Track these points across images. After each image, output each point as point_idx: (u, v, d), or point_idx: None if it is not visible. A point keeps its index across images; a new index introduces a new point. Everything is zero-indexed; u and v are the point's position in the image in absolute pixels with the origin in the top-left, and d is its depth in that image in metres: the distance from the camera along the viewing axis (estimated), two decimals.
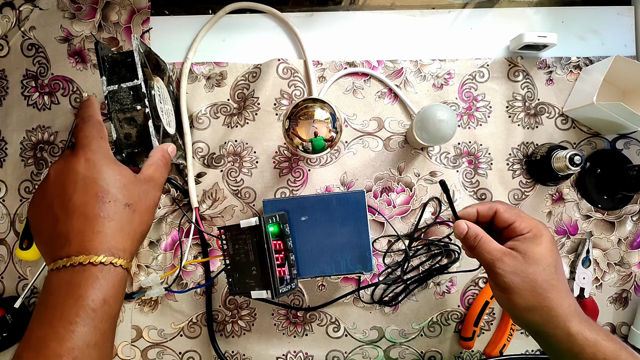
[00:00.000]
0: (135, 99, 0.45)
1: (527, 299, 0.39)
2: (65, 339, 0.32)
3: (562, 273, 0.41)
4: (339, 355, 0.57)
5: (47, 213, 0.37)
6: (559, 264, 0.41)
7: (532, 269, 0.39)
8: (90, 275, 0.34)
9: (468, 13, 0.59)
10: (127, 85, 0.44)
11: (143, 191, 0.39)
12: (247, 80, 0.57)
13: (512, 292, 0.40)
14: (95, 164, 0.37)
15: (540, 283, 0.39)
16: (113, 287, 0.35)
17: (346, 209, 0.48)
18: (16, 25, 0.57)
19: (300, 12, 0.58)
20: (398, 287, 0.57)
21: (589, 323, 0.39)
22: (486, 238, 0.42)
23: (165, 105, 0.50)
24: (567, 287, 0.40)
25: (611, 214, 0.57)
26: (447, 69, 0.57)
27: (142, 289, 0.55)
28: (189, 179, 0.55)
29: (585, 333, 0.38)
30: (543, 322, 0.40)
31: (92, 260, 0.34)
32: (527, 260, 0.40)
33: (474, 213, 0.44)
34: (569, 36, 0.58)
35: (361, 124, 0.57)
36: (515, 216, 0.42)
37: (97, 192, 0.36)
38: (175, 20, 0.58)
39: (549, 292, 0.39)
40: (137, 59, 0.45)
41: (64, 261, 0.34)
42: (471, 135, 0.57)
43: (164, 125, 0.48)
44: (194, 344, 0.57)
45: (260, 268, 0.43)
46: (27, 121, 0.57)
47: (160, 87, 0.49)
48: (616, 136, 0.58)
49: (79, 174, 0.36)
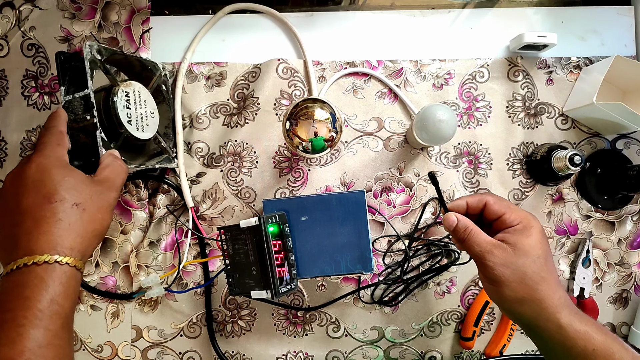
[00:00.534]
0: (85, 108, 0.44)
1: (517, 291, 0.39)
2: (16, 342, 0.32)
3: (552, 265, 0.40)
4: (339, 355, 0.57)
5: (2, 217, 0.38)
6: (549, 256, 0.41)
7: (521, 261, 0.39)
8: (35, 275, 0.34)
9: (468, 13, 0.59)
10: (79, 95, 0.44)
11: (95, 191, 0.40)
12: (247, 80, 0.57)
13: (501, 284, 0.39)
14: (45, 167, 0.38)
15: (530, 275, 0.39)
16: (61, 285, 0.35)
17: (346, 209, 0.48)
18: (16, 25, 0.57)
19: (300, 12, 0.58)
20: (398, 287, 0.57)
21: (579, 315, 0.38)
22: (476, 230, 0.41)
23: (141, 109, 0.49)
24: (557, 279, 0.40)
25: (611, 214, 0.57)
26: (447, 69, 0.57)
27: (142, 289, 0.55)
28: (182, 179, 0.55)
29: (575, 325, 0.37)
30: (534, 315, 0.39)
31: (35, 261, 0.34)
32: (516, 252, 0.39)
33: (464, 205, 0.44)
34: (569, 36, 0.58)
35: (361, 124, 0.57)
36: (505, 208, 0.42)
37: (44, 193, 0.37)
38: (175, 20, 0.58)
39: (539, 284, 0.39)
40: (87, 67, 0.44)
41: (11, 265, 0.35)
42: (471, 135, 0.57)
43: (131, 131, 0.47)
44: (194, 344, 0.57)
45: (260, 268, 0.43)
46: (27, 121, 0.57)
47: (135, 91, 0.49)
48: (616, 136, 0.58)
49: (29, 178, 0.38)
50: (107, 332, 0.56)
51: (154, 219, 0.56)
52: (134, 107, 0.48)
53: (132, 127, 0.48)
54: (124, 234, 0.56)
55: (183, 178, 0.55)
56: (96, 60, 0.45)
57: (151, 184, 0.56)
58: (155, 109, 0.52)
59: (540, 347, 0.41)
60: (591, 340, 0.37)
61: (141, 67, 0.53)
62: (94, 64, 0.45)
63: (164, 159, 0.54)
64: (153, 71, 0.54)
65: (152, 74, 0.54)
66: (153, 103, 0.52)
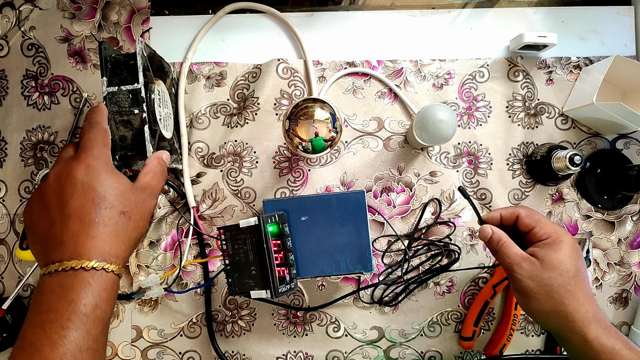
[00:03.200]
0: (133, 102, 0.44)
1: (543, 304, 0.40)
2: (58, 344, 0.32)
3: (583, 279, 0.41)
4: (339, 355, 0.57)
5: (44, 215, 0.37)
6: (581, 270, 0.41)
7: (548, 274, 0.40)
8: (82, 280, 0.34)
9: (468, 13, 0.59)
10: (127, 88, 0.44)
11: (139, 199, 0.40)
12: (247, 80, 0.57)
13: (528, 296, 0.41)
14: (95, 170, 0.38)
15: (556, 288, 0.40)
16: (105, 291, 0.35)
17: (346, 209, 0.48)
18: (16, 25, 0.57)
19: (300, 12, 0.58)
20: (398, 287, 0.57)
21: (607, 330, 0.39)
22: (508, 243, 0.43)
23: (164, 109, 0.50)
24: (586, 293, 0.41)
25: (611, 214, 0.57)
26: (447, 69, 0.57)
27: (142, 290, 0.55)
28: (185, 179, 0.55)
29: (602, 340, 0.38)
30: (559, 327, 0.40)
31: (84, 265, 0.35)
32: (544, 266, 0.40)
33: (498, 217, 0.46)
34: (569, 36, 0.58)
35: (361, 124, 0.57)
36: (536, 222, 0.43)
37: (94, 198, 0.37)
38: (175, 20, 0.58)
39: (564, 298, 0.40)
40: (139, 63, 0.45)
41: (56, 265, 0.35)
42: (471, 135, 0.57)
43: (161, 129, 0.48)
44: (194, 344, 0.57)
45: (259, 268, 0.43)
46: (27, 121, 0.57)
47: (162, 90, 0.49)
48: (616, 136, 0.58)
49: (78, 178, 0.37)
50: None
51: (153, 219, 0.56)
52: (162, 106, 0.49)
53: (161, 125, 0.48)
54: None
55: (187, 179, 0.55)
56: (144, 57, 0.46)
57: None
58: (172, 108, 0.53)
59: (569, 354, 0.42)
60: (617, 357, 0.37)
61: (159, 67, 0.53)
62: (144, 59, 0.46)
63: (174, 159, 0.54)
64: (167, 73, 0.54)
65: (167, 75, 0.54)
66: (170, 103, 0.53)
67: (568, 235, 0.42)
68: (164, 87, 0.51)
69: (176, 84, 0.56)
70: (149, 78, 0.47)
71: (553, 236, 0.42)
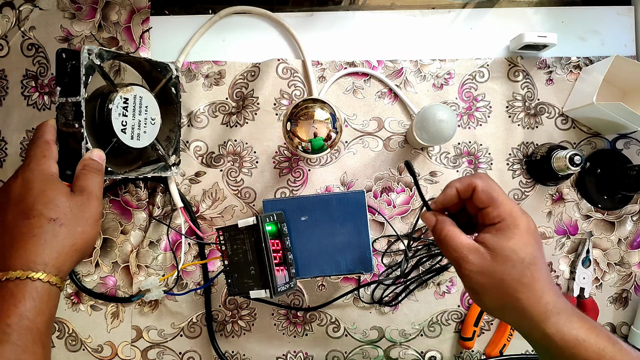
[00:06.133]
0: (76, 115, 0.43)
1: (496, 300, 0.36)
2: None
3: (540, 268, 0.36)
4: (339, 355, 0.57)
5: None
6: (537, 257, 0.36)
7: (499, 267, 0.35)
8: (6, 291, 0.35)
9: (468, 13, 0.59)
10: (71, 100, 0.42)
11: (75, 204, 0.39)
12: (246, 80, 0.57)
13: (479, 292, 0.36)
14: (28, 182, 0.38)
15: (509, 283, 0.35)
16: (32, 300, 0.35)
17: (346, 209, 0.48)
18: (16, 25, 0.57)
19: (300, 12, 0.58)
20: (398, 287, 0.57)
21: (570, 320, 0.35)
22: (452, 233, 0.37)
23: (140, 115, 0.48)
24: (545, 283, 0.35)
25: (611, 214, 0.57)
26: (447, 69, 0.57)
27: (141, 292, 0.55)
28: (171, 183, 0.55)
29: (563, 333, 0.34)
30: (517, 323, 0.36)
31: (8, 277, 0.35)
32: (495, 258, 0.35)
33: (454, 194, 0.38)
34: (569, 36, 0.58)
35: (361, 124, 0.57)
36: (490, 200, 0.36)
37: (23, 209, 0.37)
38: (175, 20, 0.58)
39: (519, 292, 0.35)
40: (81, 74, 0.42)
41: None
42: (471, 135, 0.57)
43: (124, 140, 0.46)
44: (194, 344, 0.57)
45: (258, 267, 0.43)
46: (27, 121, 0.57)
47: (137, 96, 0.47)
48: (616, 136, 0.58)
49: (12, 193, 0.38)
50: (107, 332, 0.56)
51: (153, 218, 0.56)
52: (132, 114, 0.47)
53: (125, 135, 0.46)
54: (124, 234, 0.56)
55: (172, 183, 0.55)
56: (94, 65, 0.43)
57: (150, 184, 0.56)
58: (158, 114, 0.50)
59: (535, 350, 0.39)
60: (581, 350, 0.33)
61: (151, 67, 0.52)
62: (90, 69, 0.43)
63: (160, 167, 0.52)
64: (163, 73, 0.52)
65: (162, 75, 0.52)
66: (156, 108, 0.50)
67: (524, 217, 0.36)
68: (142, 92, 0.48)
69: (179, 85, 0.55)
70: (109, 86, 0.45)
71: (507, 220, 0.36)
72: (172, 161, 0.53)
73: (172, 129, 0.54)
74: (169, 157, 0.53)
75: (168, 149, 0.54)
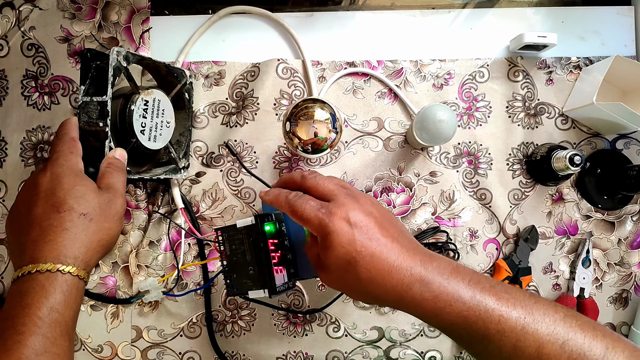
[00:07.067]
0: (100, 115, 0.43)
1: (358, 299, 0.38)
2: (12, 349, 0.33)
3: (365, 256, 0.33)
4: (339, 355, 0.57)
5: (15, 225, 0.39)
6: (363, 245, 0.34)
7: (335, 279, 0.36)
8: (37, 284, 0.35)
9: (468, 13, 0.59)
10: (96, 100, 0.43)
11: (103, 200, 0.40)
12: (246, 80, 0.57)
13: (348, 294, 0.38)
14: (58, 176, 0.39)
15: (352, 286, 0.35)
16: (62, 294, 0.35)
17: None
18: (16, 25, 0.57)
19: (300, 12, 0.58)
20: None
21: (426, 288, 0.33)
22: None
23: (157, 118, 0.49)
24: (381, 268, 0.33)
25: (611, 214, 0.57)
26: (447, 69, 0.57)
27: (141, 293, 0.55)
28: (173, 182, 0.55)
29: (422, 306, 0.33)
30: (396, 306, 0.35)
31: (38, 269, 0.35)
32: (327, 274, 0.36)
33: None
34: (569, 36, 0.58)
35: (361, 124, 0.57)
36: (300, 213, 0.36)
37: (54, 202, 0.38)
38: (175, 20, 0.58)
39: (368, 287, 0.34)
40: (109, 74, 0.43)
41: (17, 272, 0.36)
42: (471, 135, 0.57)
43: (142, 141, 0.47)
44: (194, 344, 0.57)
45: (257, 267, 0.43)
46: (27, 121, 0.57)
47: (156, 99, 0.48)
48: (616, 136, 0.58)
49: (41, 186, 0.39)
50: (107, 332, 0.56)
51: (153, 218, 0.56)
52: (150, 116, 0.48)
53: (144, 136, 0.48)
54: (124, 234, 0.56)
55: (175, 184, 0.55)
56: (121, 67, 0.44)
57: (150, 184, 0.56)
58: (173, 117, 0.52)
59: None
60: (443, 311, 0.33)
61: (167, 71, 0.53)
62: (117, 70, 0.44)
63: (171, 169, 0.53)
64: (179, 78, 0.53)
65: (177, 80, 0.53)
66: (172, 112, 0.51)
67: (332, 217, 0.34)
68: (160, 96, 0.49)
69: (192, 91, 0.55)
70: (133, 88, 0.46)
71: (319, 232, 0.35)
72: (182, 164, 0.54)
73: (182, 132, 0.55)
74: (180, 160, 0.54)
75: (179, 152, 0.54)
